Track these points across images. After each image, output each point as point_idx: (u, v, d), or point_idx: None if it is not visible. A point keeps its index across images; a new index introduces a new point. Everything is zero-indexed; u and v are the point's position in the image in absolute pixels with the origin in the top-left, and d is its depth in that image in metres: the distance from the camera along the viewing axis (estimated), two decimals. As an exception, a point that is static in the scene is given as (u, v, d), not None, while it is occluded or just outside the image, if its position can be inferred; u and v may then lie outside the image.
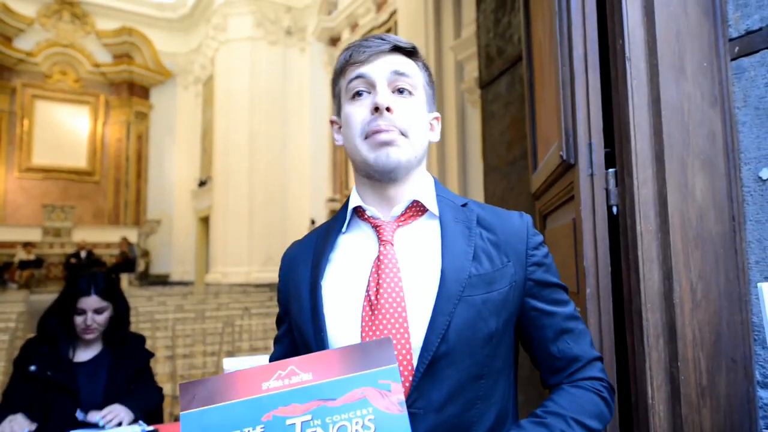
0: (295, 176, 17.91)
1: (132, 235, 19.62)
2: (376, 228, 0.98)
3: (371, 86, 0.97)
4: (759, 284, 0.97)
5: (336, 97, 1.05)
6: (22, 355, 2.17)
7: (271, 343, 2.37)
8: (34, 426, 2.01)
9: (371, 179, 1.00)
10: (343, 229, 1.03)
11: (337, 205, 16.24)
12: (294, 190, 17.83)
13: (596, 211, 1.37)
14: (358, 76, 0.97)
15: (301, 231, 16.51)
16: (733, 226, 1.32)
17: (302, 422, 0.74)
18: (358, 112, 0.97)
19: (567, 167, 1.50)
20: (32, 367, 2.09)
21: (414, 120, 0.97)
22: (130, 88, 21.23)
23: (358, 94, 0.97)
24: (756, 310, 1.30)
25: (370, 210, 1.00)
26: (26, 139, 19.20)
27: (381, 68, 0.96)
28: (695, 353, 1.24)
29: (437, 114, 1.07)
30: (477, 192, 7.52)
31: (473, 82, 8.28)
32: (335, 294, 0.96)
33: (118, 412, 2.09)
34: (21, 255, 17.00)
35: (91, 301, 2.17)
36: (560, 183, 1.64)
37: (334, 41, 16.68)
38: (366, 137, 0.96)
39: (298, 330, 0.99)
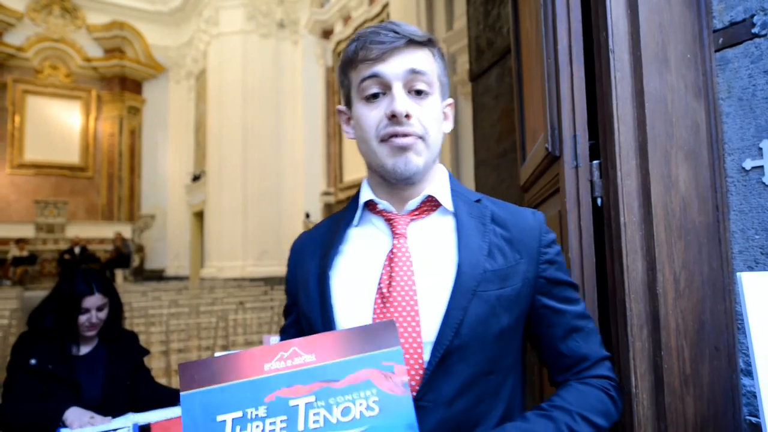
0: (290, 170, 17.88)
1: (126, 231, 19.55)
2: (389, 221, 0.97)
3: (386, 87, 0.92)
4: (738, 274, 0.98)
5: (344, 87, 1.00)
6: (21, 347, 2.18)
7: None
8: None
9: (385, 179, 0.97)
10: (355, 222, 1.01)
11: (332, 199, 16.23)
12: (288, 184, 17.80)
13: (581, 203, 1.37)
14: (372, 76, 0.92)
15: (296, 225, 16.51)
16: (717, 216, 1.33)
17: (306, 403, 0.74)
18: (372, 115, 0.93)
19: (552, 159, 1.50)
20: (33, 361, 2.11)
21: (432, 122, 0.94)
22: (122, 82, 21.11)
23: (373, 95, 0.93)
24: (740, 299, 1.31)
25: (383, 204, 0.98)
26: (18, 135, 19.08)
27: (397, 67, 0.91)
28: (678, 342, 1.26)
29: (451, 101, 1.03)
30: (469, 185, 7.53)
31: (465, 74, 8.27)
32: (345, 285, 0.95)
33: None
34: (14, 251, 16.92)
35: (94, 299, 2.22)
36: (547, 175, 1.65)
37: (326, 34, 16.61)
38: (382, 140, 0.93)
39: (306, 320, 0.98)
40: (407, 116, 0.90)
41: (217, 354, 2.18)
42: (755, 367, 0.95)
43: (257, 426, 0.73)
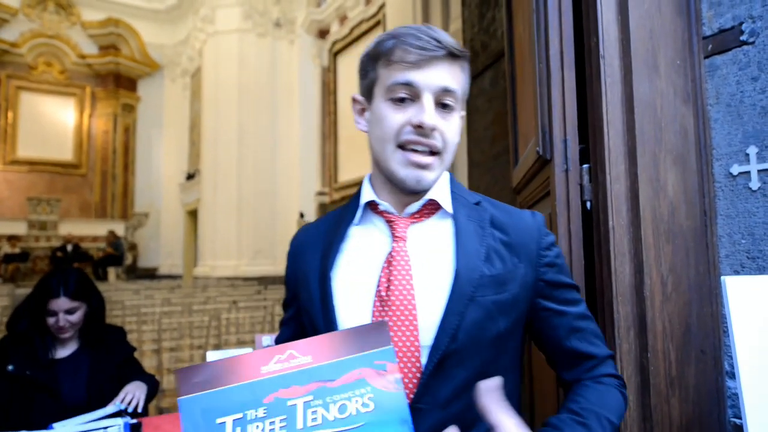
0: (284, 169, 17.86)
1: (119, 229, 19.47)
2: (389, 223, 0.97)
3: (416, 95, 0.91)
4: (722, 278, 1.00)
5: (367, 78, 0.98)
6: None
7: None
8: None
9: (391, 183, 0.97)
10: (356, 221, 1.01)
11: (326, 199, 16.23)
12: (283, 183, 17.77)
13: (570, 206, 1.39)
14: (405, 83, 0.91)
15: (290, 224, 16.50)
16: (705, 220, 1.35)
17: (304, 402, 0.75)
18: (396, 118, 0.92)
19: (543, 163, 1.52)
20: (10, 367, 2.04)
21: (453, 137, 0.95)
22: (117, 80, 20.99)
23: (401, 99, 0.92)
24: (724, 302, 1.33)
25: (384, 205, 0.98)
26: (11, 131, 18.94)
27: (431, 79, 0.91)
28: (665, 344, 1.28)
29: (463, 113, 1.03)
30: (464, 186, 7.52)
31: (461, 76, 8.26)
32: (346, 287, 0.95)
33: (132, 391, 2.12)
34: (6, 248, 16.82)
35: (60, 303, 2.12)
36: (538, 178, 1.67)
37: (323, 33, 16.61)
38: (399, 146, 0.92)
39: (308, 317, 0.98)
40: (433, 129, 0.91)
41: (210, 353, 2.18)
42: (737, 369, 0.96)
43: (257, 426, 0.74)
